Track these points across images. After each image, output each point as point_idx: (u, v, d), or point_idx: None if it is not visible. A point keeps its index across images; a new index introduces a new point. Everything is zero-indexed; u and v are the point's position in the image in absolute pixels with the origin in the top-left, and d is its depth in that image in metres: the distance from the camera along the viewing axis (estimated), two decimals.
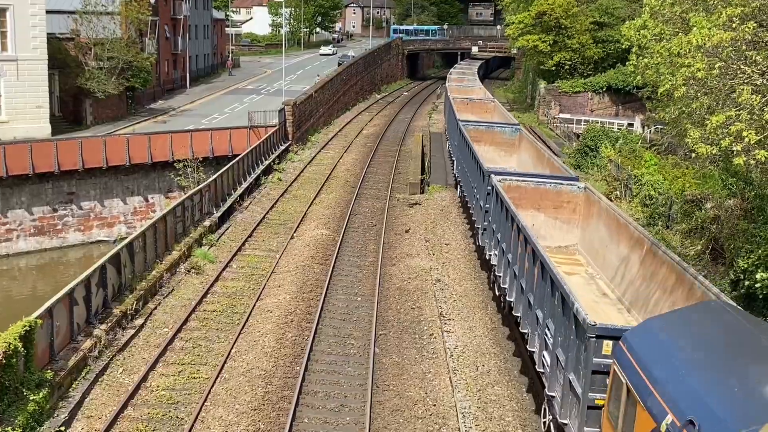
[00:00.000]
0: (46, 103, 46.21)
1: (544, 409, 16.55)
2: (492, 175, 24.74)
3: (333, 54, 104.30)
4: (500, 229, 22.73)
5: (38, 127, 45.22)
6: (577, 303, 13.90)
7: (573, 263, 22.91)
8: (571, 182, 24.76)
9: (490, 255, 24.29)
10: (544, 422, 16.53)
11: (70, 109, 50.98)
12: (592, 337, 13.00)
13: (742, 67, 13.49)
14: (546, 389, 15.85)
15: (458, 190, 36.91)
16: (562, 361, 14.68)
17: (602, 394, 12.87)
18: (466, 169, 32.41)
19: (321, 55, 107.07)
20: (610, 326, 13.33)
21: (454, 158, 39.77)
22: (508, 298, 20.99)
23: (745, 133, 12.31)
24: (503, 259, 21.98)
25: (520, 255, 19.55)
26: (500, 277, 22.30)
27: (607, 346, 12.90)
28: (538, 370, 16.81)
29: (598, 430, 12.84)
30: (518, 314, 19.44)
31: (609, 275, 20.81)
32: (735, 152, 12.83)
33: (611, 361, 12.33)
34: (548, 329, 15.97)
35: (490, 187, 25.08)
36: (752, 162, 12.99)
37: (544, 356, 16.22)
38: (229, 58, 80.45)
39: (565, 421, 14.25)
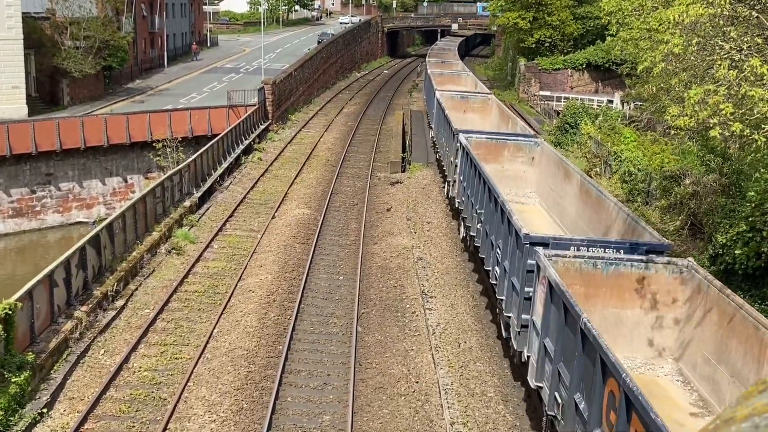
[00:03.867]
0: (22, 84, 45.60)
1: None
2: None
3: (351, 24, 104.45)
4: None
5: (15, 108, 44.65)
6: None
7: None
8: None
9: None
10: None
11: (46, 89, 50.38)
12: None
13: (719, 42, 13.54)
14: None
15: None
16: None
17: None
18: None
19: (340, 23, 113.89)
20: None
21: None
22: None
23: (722, 106, 12.39)
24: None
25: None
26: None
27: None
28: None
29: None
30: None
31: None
32: (712, 125, 12.92)
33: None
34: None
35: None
36: (727, 134, 13.10)
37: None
38: (193, 43, 79.17)
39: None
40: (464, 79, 51.24)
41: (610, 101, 55.09)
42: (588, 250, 16.96)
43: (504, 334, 19.43)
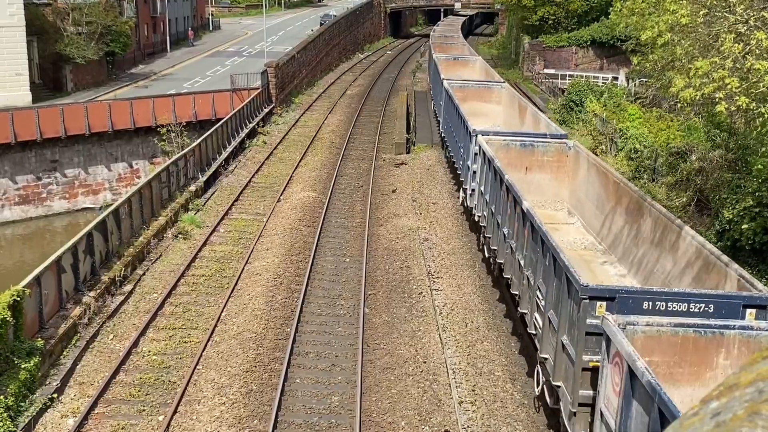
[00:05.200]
0: (25, 71, 45.57)
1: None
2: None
3: (354, 5, 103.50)
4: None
5: (18, 95, 44.64)
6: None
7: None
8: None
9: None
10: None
11: (50, 76, 50.33)
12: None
13: (725, 14, 13.44)
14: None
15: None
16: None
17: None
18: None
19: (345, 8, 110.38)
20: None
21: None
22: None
23: (727, 80, 12.31)
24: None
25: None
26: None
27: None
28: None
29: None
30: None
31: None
32: (718, 98, 12.83)
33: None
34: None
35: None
36: (734, 108, 13.03)
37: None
38: (189, 28, 78.57)
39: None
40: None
41: (615, 78, 54.84)
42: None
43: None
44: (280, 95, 51.87)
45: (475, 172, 24.78)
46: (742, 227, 20.62)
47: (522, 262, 18.16)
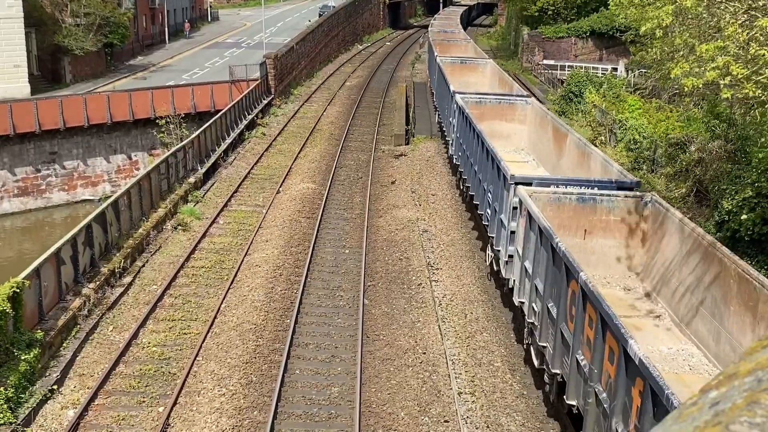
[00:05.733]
0: (24, 62, 45.47)
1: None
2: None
3: None
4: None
5: (17, 86, 44.56)
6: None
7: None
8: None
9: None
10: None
11: (48, 67, 50.24)
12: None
13: (726, 2, 13.40)
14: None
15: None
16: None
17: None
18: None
19: None
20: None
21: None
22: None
23: (732, 67, 12.23)
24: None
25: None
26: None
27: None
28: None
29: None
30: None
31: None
32: (722, 85, 12.75)
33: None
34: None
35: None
36: (740, 96, 12.95)
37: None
38: (186, 20, 78.17)
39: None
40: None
41: (615, 69, 54.75)
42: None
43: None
44: (279, 86, 51.78)
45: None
46: (742, 218, 20.62)
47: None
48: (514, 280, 18.25)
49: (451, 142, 31.42)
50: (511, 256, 18.92)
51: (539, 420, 16.74)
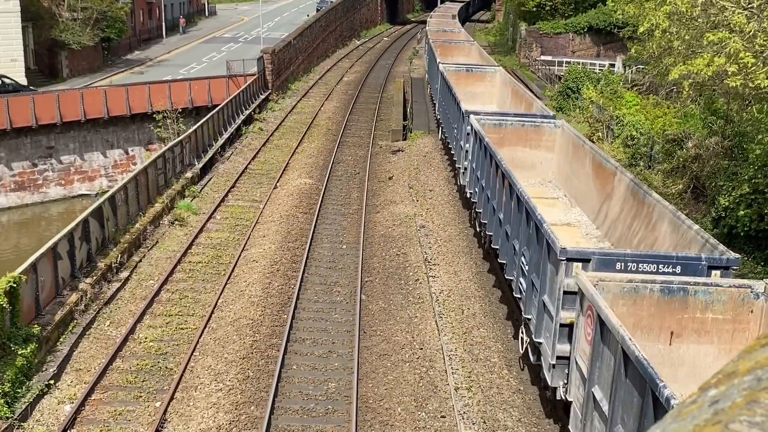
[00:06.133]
0: (20, 57, 45.38)
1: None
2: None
3: None
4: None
5: None
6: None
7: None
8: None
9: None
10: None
11: (45, 62, 50.15)
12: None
13: (722, 2, 13.38)
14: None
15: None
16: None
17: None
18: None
19: None
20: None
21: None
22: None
23: (742, 54, 12.12)
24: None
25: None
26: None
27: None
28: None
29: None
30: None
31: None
32: (731, 73, 12.59)
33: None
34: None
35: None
36: (751, 85, 12.81)
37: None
38: (181, 16, 77.77)
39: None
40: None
41: (612, 65, 54.74)
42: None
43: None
44: (277, 82, 51.72)
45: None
46: (738, 214, 20.66)
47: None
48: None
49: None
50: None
51: (536, 416, 16.77)
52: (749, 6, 13.08)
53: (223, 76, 47.50)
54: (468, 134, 24.99)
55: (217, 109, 39.69)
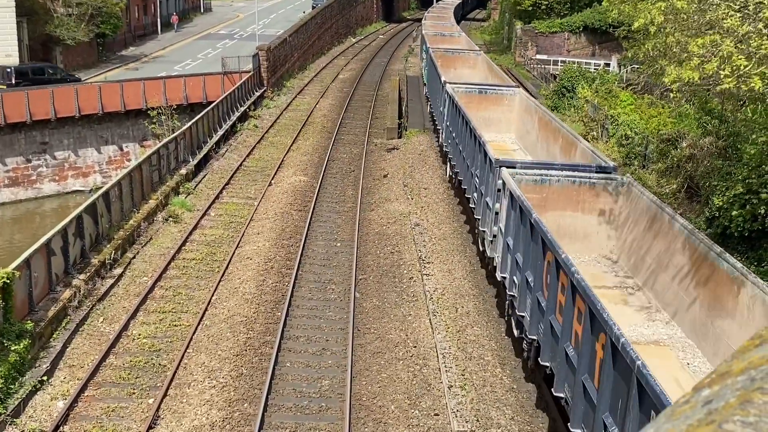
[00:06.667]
0: (15, 52, 45.22)
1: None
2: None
3: None
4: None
5: None
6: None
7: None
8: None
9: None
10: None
11: (39, 57, 49.96)
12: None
13: (717, 1, 13.40)
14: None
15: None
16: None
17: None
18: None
19: None
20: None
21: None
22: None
23: (734, 57, 12.15)
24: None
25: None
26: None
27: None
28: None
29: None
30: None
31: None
32: (723, 76, 12.62)
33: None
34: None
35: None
36: (744, 88, 12.85)
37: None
38: (174, 13, 77.42)
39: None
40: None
41: (607, 64, 54.80)
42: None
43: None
44: (272, 79, 51.67)
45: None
46: (732, 214, 20.70)
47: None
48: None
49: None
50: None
51: (529, 414, 16.80)
52: (744, 7, 13.11)
53: (218, 72, 47.44)
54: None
55: (212, 105, 39.64)
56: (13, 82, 41.84)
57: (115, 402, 17.03)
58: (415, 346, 19.46)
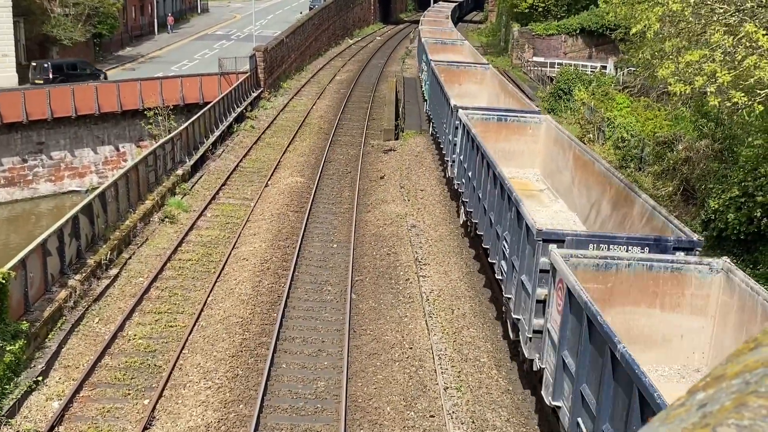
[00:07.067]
0: (11, 52, 45.15)
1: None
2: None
3: None
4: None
5: (5, 76, 44.24)
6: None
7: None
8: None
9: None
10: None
11: (36, 57, 49.87)
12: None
13: (715, 4, 13.44)
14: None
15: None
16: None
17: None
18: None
19: None
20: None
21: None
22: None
23: (718, 74, 12.30)
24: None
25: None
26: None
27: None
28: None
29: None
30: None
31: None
32: (709, 93, 12.82)
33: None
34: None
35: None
36: (728, 104, 13.03)
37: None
38: (169, 14, 77.21)
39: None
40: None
41: (604, 67, 54.89)
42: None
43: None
44: (269, 80, 51.64)
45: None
46: (728, 217, 20.75)
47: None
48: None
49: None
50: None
51: (524, 416, 16.81)
52: (739, 9, 13.16)
53: (215, 73, 47.40)
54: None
55: (208, 106, 39.61)
56: (51, 77, 42.60)
57: (111, 403, 17.01)
58: (411, 348, 19.46)
